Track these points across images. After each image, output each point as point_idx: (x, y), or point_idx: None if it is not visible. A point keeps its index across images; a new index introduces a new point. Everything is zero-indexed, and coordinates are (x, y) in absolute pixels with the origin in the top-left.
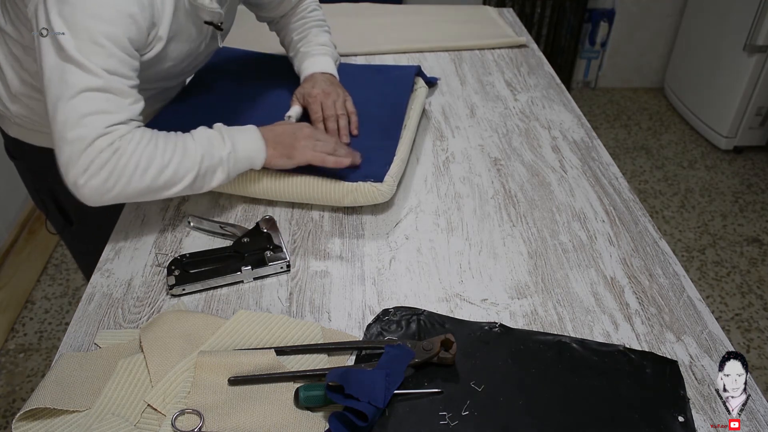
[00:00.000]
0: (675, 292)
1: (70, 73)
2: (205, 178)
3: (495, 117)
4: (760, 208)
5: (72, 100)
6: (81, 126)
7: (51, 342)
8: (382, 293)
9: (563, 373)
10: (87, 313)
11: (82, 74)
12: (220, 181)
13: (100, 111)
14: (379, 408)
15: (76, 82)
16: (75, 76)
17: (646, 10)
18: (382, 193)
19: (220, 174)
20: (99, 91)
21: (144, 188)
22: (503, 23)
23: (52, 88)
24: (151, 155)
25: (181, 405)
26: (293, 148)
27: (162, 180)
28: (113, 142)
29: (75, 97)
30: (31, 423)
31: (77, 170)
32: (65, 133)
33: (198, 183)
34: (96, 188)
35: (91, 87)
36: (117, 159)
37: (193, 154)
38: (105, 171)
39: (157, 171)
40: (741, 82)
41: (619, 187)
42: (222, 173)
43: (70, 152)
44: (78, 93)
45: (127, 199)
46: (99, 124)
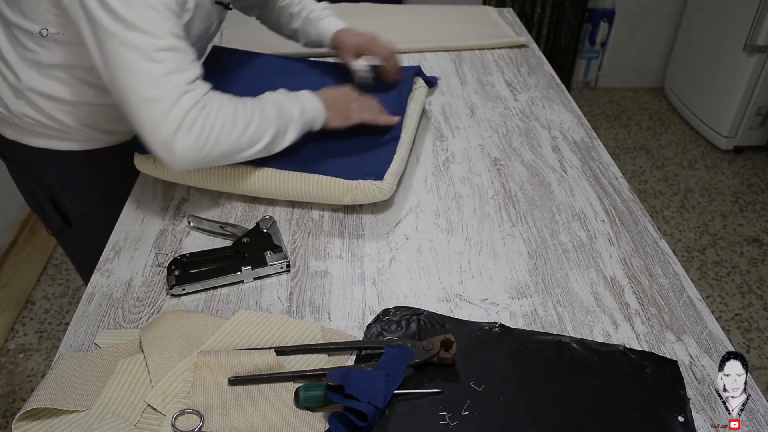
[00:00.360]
0: (675, 292)
1: (136, 40)
2: (278, 136)
3: (495, 117)
4: (760, 208)
5: (145, 63)
6: (162, 85)
7: (51, 342)
8: (382, 293)
9: (563, 373)
10: (87, 313)
11: (147, 38)
12: (291, 140)
13: (174, 70)
14: (379, 408)
15: (144, 46)
16: (141, 41)
17: (646, 10)
18: (382, 192)
19: (292, 133)
20: (168, 51)
21: (231, 146)
22: (503, 23)
23: (122, 58)
24: (235, 112)
25: (181, 405)
26: (348, 109)
27: (246, 138)
28: (198, 99)
29: (147, 59)
30: (31, 423)
31: (167, 129)
32: (146, 93)
33: (274, 142)
34: (189, 146)
35: (159, 47)
36: (206, 115)
37: (269, 112)
38: (197, 127)
39: (242, 128)
40: (741, 82)
41: (619, 187)
42: (293, 132)
43: (155, 112)
44: (150, 55)
45: (214, 160)
46: (179, 82)
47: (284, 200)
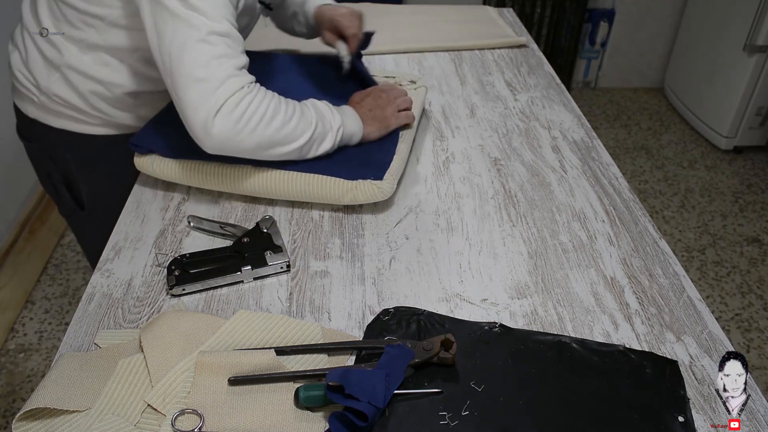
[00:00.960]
0: (675, 292)
1: (195, 20)
2: (315, 143)
3: (495, 117)
4: (760, 208)
5: (199, 43)
6: (211, 66)
7: (51, 342)
8: (382, 293)
9: (563, 373)
10: (87, 313)
11: (205, 20)
12: (325, 149)
13: (224, 54)
14: (379, 408)
15: (200, 27)
16: (199, 21)
17: (646, 10)
18: (382, 191)
19: (328, 143)
20: (222, 36)
21: (266, 139)
22: (503, 23)
23: (178, 35)
24: (277, 107)
25: (181, 405)
26: (386, 119)
27: (282, 134)
28: (243, 86)
29: (201, 40)
30: (31, 423)
31: (208, 110)
32: (195, 73)
33: (307, 147)
34: (227, 129)
35: (215, 31)
36: (248, 102)
37: (309, 117)
38: (237, 112)
39: (280, 123)
40: (741, 82)
41: (619, 187)
42: (329, 143)
43: (200, 91)
44: (204, 36)
45: (246, 149)
46: (227, 66)
47: (284, 200)
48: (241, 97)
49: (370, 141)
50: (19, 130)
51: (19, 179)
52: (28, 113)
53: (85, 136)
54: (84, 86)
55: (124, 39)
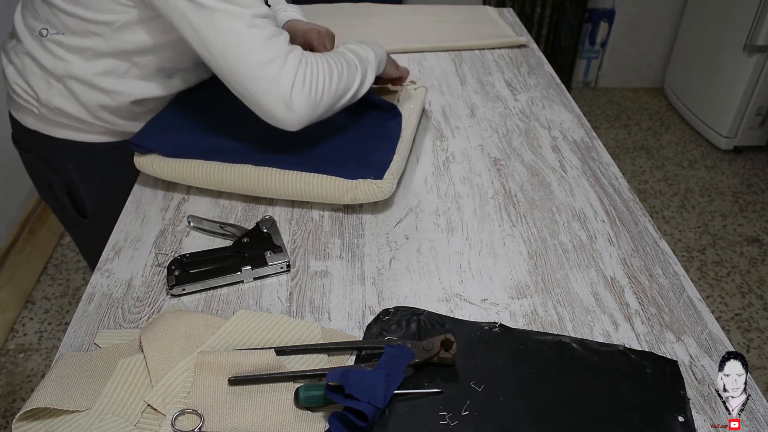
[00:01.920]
0: (675, 292)
1: (235, 10)
2: (363, 82)
3: (495, 117)
4: (760, 208)
5: (249, 29)
6: (269, 47)
7: (51, 342)
8: (382, 293)
9: (563, 373)
10: (87, 313)
11: (243, 8)
12: (371, 81)
13: (274, 33)
14: (379, 408)
15: (244, 15)
16: (240, 11)
17: (646, 10)
18: (382, 191)
19: (371, 75)
20: (263, 17)
21: (335, 96)
22: (503, 23)
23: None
24: (329, 65)
25: (181, 405)
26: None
27: (342, 86)
28: (301, 57)
29: (250, 26)
30: (31, 423)
31: (282, 88)
32: (258, 57)
33: (360, 87)
34: (305, 100)
35: (257, 14)
36: (311, 70)
37: (352, 61)
38: (307, 82)
39: (338, 78)
40: (741, 82)
41: (619, 187)
42: (371, 75)
43: (270, 72)
44: (251, 22)
45: (322, 112)
46: (281, 43)
47: (284, 200)
48: (304, 68)
49: None
50: (16, 140)
51: (19, 179)
52: (26, 124)
53: (88, 145)
54: (88, 97)
55: (132, 42)
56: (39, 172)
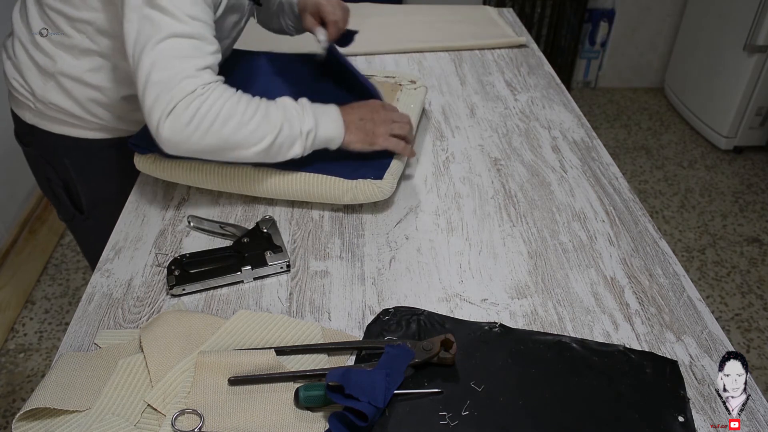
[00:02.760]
0: (675, 292)
1: (158, 20)
2: (281, 147)
3: (495, 117)
4: (760, 208)
5: (160, 44)
6: (168, 68)
7: (51, 342)
8: (382, 293)
9: (563, 373)
10: (87, 313)
11: (169, 20)
12: (295, 154)
13: (186, 56)
14: (379, 408)
15: (164, 28)
16: (163, 22)
17: (646, 10)
18: (382, 191)
19: (298, 148)
20: (185, 37)
21: (221, 141)
22: (503, 23)
23: (140, 36)
24: (233, 108)
25: (181, 405)
26: (374, 134)
27: (239, 136)
28: (197, 87)
29: (163, 41)
30: (31, 423)
31: (161, 110)
32: (152, 75)
33: (274, 151)
34: (177, 131)
35: (178, 33)
36: (200, 103)
37: (274, 119)
38: (187, 114)
39: (236, 125)
40: (741, 82)
41: (619, 187)
42: (299, 147)
43: (156, 93)
44: (166, 38)
45: (202, 151)
46: (186, 67)
47: (284, 200)
48: (192, 99)
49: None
50: (18, 135)
51: (19, 179)
52: (25, 119)
53: (84, 141)
54: (79, 93)
55: (114, 43)
56: (39, 166)
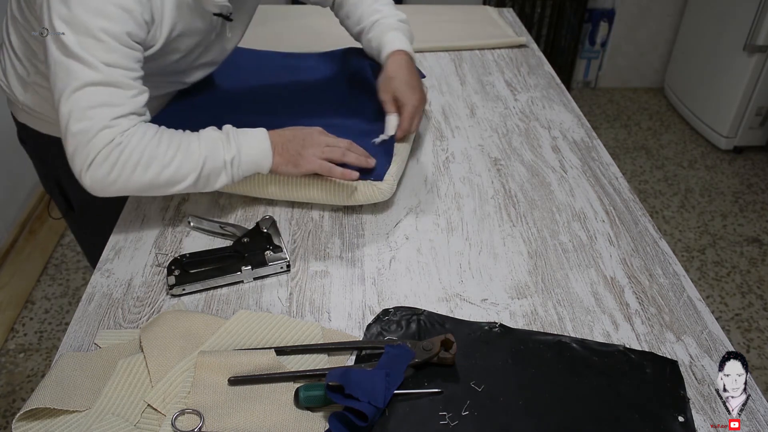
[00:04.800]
0: (675, 292)
1: (73, 68)
2: (208, 179)
3: (495, 117)
4: (760, 208)
5: (75, 93)
6: (85, 119)
7: (51, 342)
8: (382, 293)
9: (563, 373)
10: (87, 313)
11: (84, 69)
12: (223, 183)
13: (103, 104)
14: (379, 408)
15: (79, 76)
16: (78, 71)
17: (646, 10)
18: (382, 192)
19: (224, 177)
20: (101, 85)
21: (146, 184)
22: (503, 23)
23: (57, 83)
24: (153, 153)
25: (181, 405)
26: (300, 156)
27: (163, 178)
28: (115, 136)
29: (78, 90)
30: (31, 423)
31: (81, 162)
32: (70, 126)
33: (201, 183)
34: (99, 180)
35: (93, 81)
36: (119, 153)
37: (196, 155)
38: (107, 164)
39: (158, 169)
40: (741, 82)
41: (619, 187)
42: (226, 177)
43: (75, 144)
44: (81, 87)
45: (130, 192)
46: (103, 117)
47: (284, 200)
48: (111, 149)
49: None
50: (18, 133)
51: (19, 179)
52: (18, 119)
53: None
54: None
55: None
56: (34, 162)
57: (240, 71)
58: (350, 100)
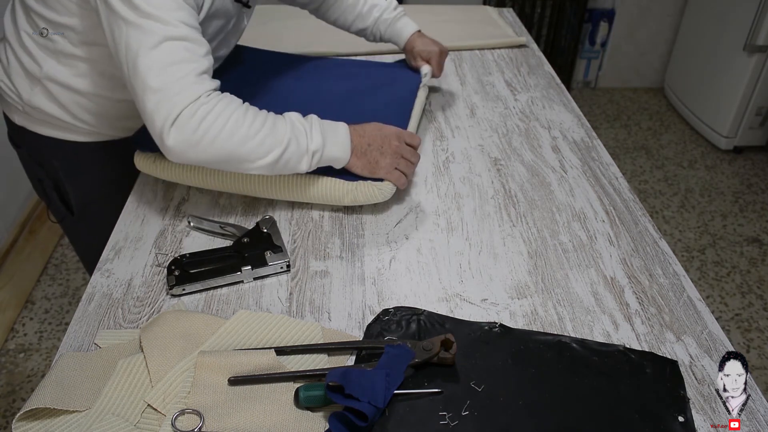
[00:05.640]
0: (675, 292)
1: (148, 26)
2: (288, 163)
3: (495, 117)
4: (760, 208)
5: (153, 51)
6: (168, 74)
7: (51, 342)
8: (382, 293)
9: (563, 373)
10: (87, 313)
11: (160, 26)
12: (300, 170)
13: (182, 60)
14: (379, 408)
15: (156, 32)
16: (153, 28)
17: (646, 10)
18: (383, 193)
19: (304, 165)
20: (178, 40)
21: (227, 152)
22: (503, 23)
23: (131, 43)
24: (239, 121)
25: (181, 405)
26: (377, 164)
27: (245, 149)
28: (201, 95)
29: (156, 47)
30: (31, 423)
31: (164, 117)
32: (149, 81)
33: (279, 166)
34: (183, 140)
35: (171, 36)
36: (206, 112)
37: (281, 134)
38: (194, 121)
39: (243, 137)
40: (741, 82)
41: (619, 187)
42: (305, 165)
43: (156, 100)
44: (159, 42)
45: (207, 160)
46: (185, 73)
47: (284, 200)
48: (198, 106)
49: None
50: (10, 136)
51: (19, 180)
52: (15, 121)
53: (72, 144)
54: (66, 98)
55: (98, 49)
56: (30, 168)
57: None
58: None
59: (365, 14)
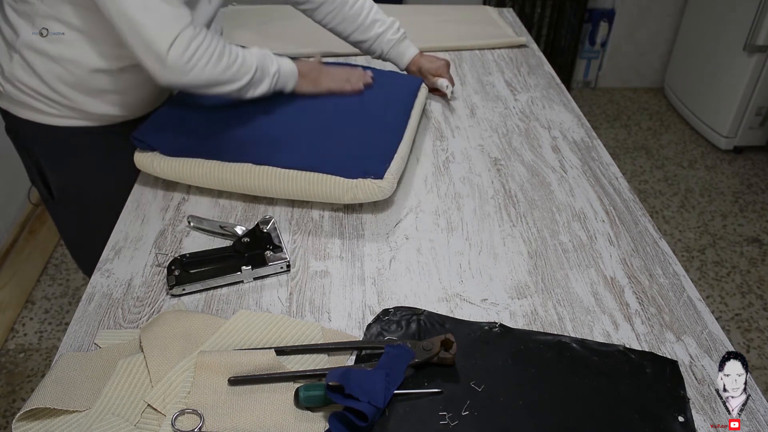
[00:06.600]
0: (675, 292)
1: None
2: (251, 85)
3: (495, 117)
4: (760, 208)
5: None
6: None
7: (51, 342)
8: (382, 293)
9: (563, 373)
10: (87, 313)
11: None
12: (262, 92)
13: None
14: (379, 408)
15: None
16: None
17: (646, 10)
18: (383, 190)
19: (265, 86)
20: None
21: (215, 75)
22: (503, 23)
23: None
24: (222, 49)
25: (181, 405)
26: (318, 79)
27: (228, 74)
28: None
29: None
30: (31, 423)
31: (165, 37)
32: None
33: (247, 87)
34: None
35: None
36: (201, 40)
37: (250, 61)
38: (191, 47)
39: (226, 63)
40: (741, 82)
41: (619, 187)
42: (265, 86)
43: (155, 21)
44: None
45: (198, 83)
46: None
47: (284, 200)
48: (194, 34)
49: None
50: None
51: (19, 180)
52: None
53: (51, 128)
54: (42, 67)
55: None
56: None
57: None
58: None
59: (366, 27)
